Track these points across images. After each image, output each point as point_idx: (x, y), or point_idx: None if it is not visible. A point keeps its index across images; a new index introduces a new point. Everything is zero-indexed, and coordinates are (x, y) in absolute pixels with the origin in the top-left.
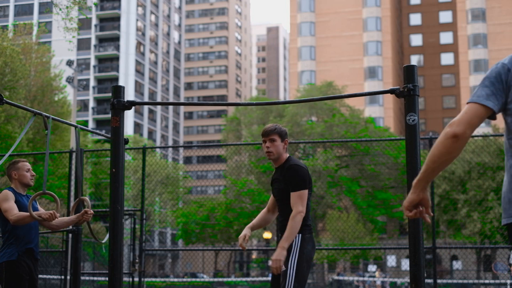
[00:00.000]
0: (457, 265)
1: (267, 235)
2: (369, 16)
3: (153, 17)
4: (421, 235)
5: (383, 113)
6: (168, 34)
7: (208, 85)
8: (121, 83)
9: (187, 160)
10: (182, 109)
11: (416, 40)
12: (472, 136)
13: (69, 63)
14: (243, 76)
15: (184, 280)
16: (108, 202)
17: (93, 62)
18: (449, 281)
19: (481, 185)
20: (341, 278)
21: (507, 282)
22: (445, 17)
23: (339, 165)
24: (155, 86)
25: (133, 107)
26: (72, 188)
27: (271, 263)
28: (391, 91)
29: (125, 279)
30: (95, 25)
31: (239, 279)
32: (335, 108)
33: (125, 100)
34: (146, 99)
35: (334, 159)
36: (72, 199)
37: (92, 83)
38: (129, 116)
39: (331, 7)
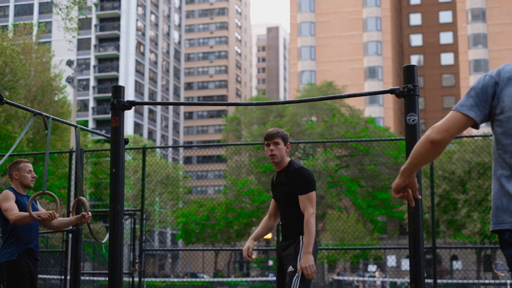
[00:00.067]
0: (457, 265)
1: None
2: (369, 16)
3: (153, 17)
4: (421, 235)
5: (383, 113)
6: (168, 34)
7: (208, 85)
8: (121, 83)
9: (187, 160)
10: (182, 109)
11: (416, 40)
12: (472, 136)
13: (69, 63)
14: (243, 76)
15: (184, 280)
16: (108, 202)
17: (93, 62)
18: (449, 281)
19: (481, 185)
20: (341, 278)
21: (507, 282)
22: (445, 17)
23: (339, 165)
24: (155, 86)
25: (133, 107)
26: (72, 188)
27: (302, 271)
28: (391, 91)
29: (125, 279)
30: (95, 25)
31: (239, 279)
32: (335, 108)
33: (125, 100)
34: (146, 99)
35: (334, 159)
36: (72, 199)
37: (92, 83)
38: (129, 116)
39: (331, 7)
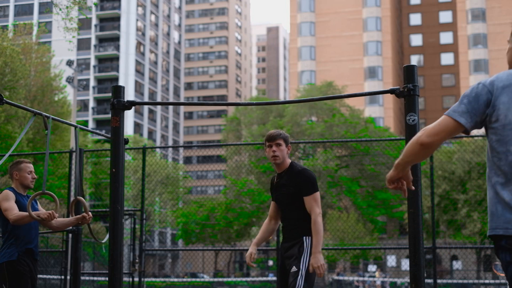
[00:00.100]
0: (457, 265)
1: None
2: (369, 16)
3: (153, 17)
4: (421, 235)
5: (383, 113)
6: (168, 34)
7: (208, 85)
8: (121, 83)
9: (187, 160)
10: (182, 109)
11: (416, 40)
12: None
13: (69, 63)
14: (243, 76)
15: (184, 280)
16: (108, 202)
17: (93, 62)
18: (449, 281)
19: (481, 185)
20: (341, 278)
21: (507, 282)
22: (445, 17)
23: (339, 165)
24: (155, 86)
25: (133, 107)
26: (72, 188)
27: (314, 271)
28: (391, 91)
29: (125, 279)
30: (95, 25)
31: (239, 279)
32: (335, 108)
33: (125, 100)
34: (146, 99)
35: (334, 159)
36: (72, 199)
37: (92, 83)
38: (129, 116)
39: (331, 7)
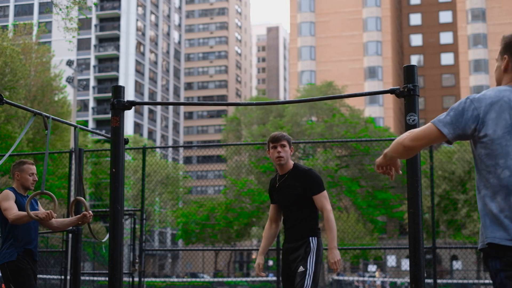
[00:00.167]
0: (457, 265)
1: None
2: (369, 16)
3: (153, 17)
4: (421, 235)
5: (383, 113)
6: (168, 34)
7: (208, 85)
8: (121, 83)
9: (187, 160)
10: (182, 109)
11: (416, 40)
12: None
13: (69, 63)
14: (243, 76)
15: (184, 280)
16: (108, 202)
17: (93, 62)
18: (449, 281)
19: None
20: (341, 278)
21: None
22: (445, 17)
23: (339, 165)
24: (155, 86)
25: (133, 107)
26: (72, 188)
27: (332, 265)
28: (391, 91)
29: (125, 279)
30: (95, 25)
31: (239, 279)
32: (335, 108)
33: (125, 100)
34: (146, 99)
35: (334, 159)
36: (72, 199)
37: (92, 83)
38: (129, 116)
39: (331, 7)
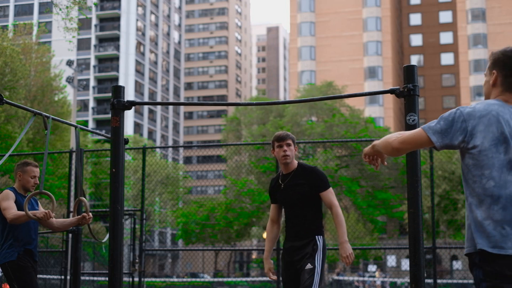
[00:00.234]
0: (457, 265)
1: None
2: (369, 16)
3: (153, 17)
4: (421, 235)
5: (383, 113)
6: (168, 34)
7: (208, 85)
8: (121, 83)
9: (187, 160)
10: (182, 109)
11: (416, 40)
12: None
13: (69, 63)
14: (243, 76)
15: (184, 280)
16: (108, 202)
17: (93, 62)
18: (449, 281)
19: None
20: (341, 278)
21: None
22: (445, 17)
23: (339, 165)
24: (155, 86)
25: (133, 107)
26: (72, 188)
27: (344, 259)
28: (391, 91)
29: (125, 279)
30: (95, 25)
31: (239, 279)
32: (335, 108)
33: (125, 100)
34: (146, 99)
35: (334, 159)
36: (72, 199)
37: (92, 83)
38: (129, 116)
39: (331, 7)
